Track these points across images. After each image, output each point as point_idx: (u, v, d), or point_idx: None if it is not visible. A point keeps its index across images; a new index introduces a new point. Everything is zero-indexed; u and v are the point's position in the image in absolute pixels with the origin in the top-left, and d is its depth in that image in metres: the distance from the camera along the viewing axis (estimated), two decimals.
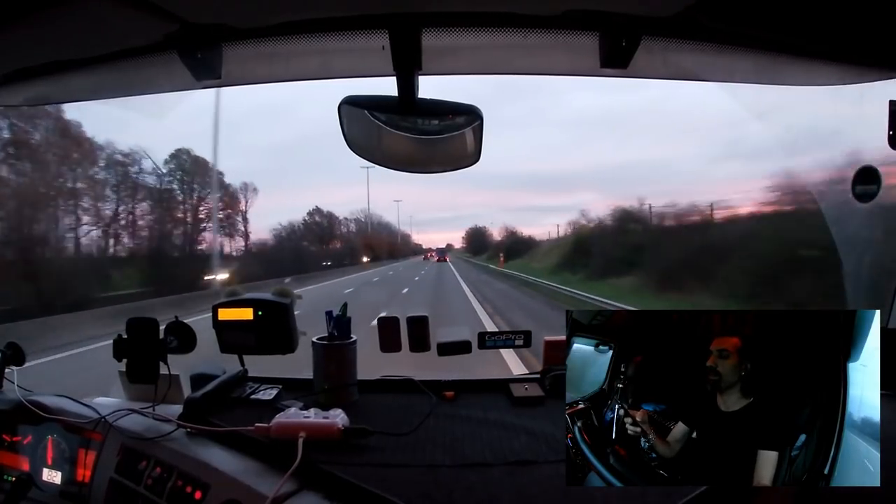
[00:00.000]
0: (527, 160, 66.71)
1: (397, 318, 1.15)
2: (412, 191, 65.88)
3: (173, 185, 21.26)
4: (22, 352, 1.11)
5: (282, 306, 1.08)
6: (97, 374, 1.37)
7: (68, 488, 0.94)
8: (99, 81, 0.97)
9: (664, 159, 40.32)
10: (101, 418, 0.94)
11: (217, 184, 22.39)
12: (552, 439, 0.84)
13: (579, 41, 0.83)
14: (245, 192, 25.34)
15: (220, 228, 22.92)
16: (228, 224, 24.20)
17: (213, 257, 19.39)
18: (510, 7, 0.76)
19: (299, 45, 0.84)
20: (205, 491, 0.78)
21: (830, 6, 0.73)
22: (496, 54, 0.90)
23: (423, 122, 0.81)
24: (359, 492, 0.72)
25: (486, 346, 1.14)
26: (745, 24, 0.78)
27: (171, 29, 0.76)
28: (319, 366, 1.04)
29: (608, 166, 51.89)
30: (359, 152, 0.85)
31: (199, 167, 21.97)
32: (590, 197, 55.89)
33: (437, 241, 60.80)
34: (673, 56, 0.86)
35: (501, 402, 1.03)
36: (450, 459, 0.79)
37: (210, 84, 0.94)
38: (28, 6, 0.67)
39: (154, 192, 19.97)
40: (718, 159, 34.18)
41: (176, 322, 1.00)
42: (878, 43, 0.81)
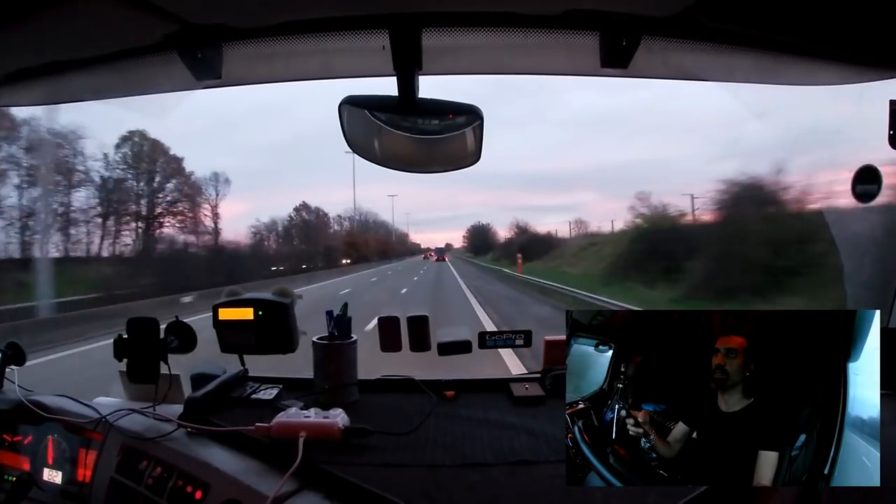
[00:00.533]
0: (526, 160, 66.81)
1: (397, 318, 1.15)
2: (411, 190, 65.91)
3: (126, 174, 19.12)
4: (22, 351, 1.12)
5: (282, 306, 1.08)
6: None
7: (69, 488, 0.94)
8: (99, 81, 0.97)
9: (664, 159, 40.35)
10: (102, 418, 0.94)
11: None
12: (552, 439, 0.84)
13: (579, 41, 0.83)
14: (216, 183, 22.84)
15: (178, 225, 20.92)
16: (191, 221, 21.69)
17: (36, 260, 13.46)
18: (510, 7, 0.76)
19: (299, 45, 0.84)
20: (205, 491, 0.78)
21: (830, 6, 0.73)
22: (496, 54, 0.90)
23: (423, 121, 0.81)
24: (359, 492, 0.72)
25: (487, 345, 1.14)
26: (745, 24, 0.78)
27: (171, 29, 0.76)
28: (320, 365, 1.04)
29: (608, 166, 51.88)
30: (359, 152, 0.85)
31: (157, 152, 19.94)
32: (589, 197, 55.96)
33: (437, 240, 60.36)
34: (673, 56, 0.86)
35: (502, 402, 1.03)
36: (450, 459, 0.79)
37: (210, 84, 0.94)
38: (28, 6, 0.67)
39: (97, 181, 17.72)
40: (718, 159, 34.19)
41: (176, 322, 1.00)
42: (878, 43, 0.81)
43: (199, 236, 22.61)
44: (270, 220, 28.38)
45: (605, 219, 53.04)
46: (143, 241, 20.32)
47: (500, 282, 17.16)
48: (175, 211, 21.58)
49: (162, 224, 21.22)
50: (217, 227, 23.47)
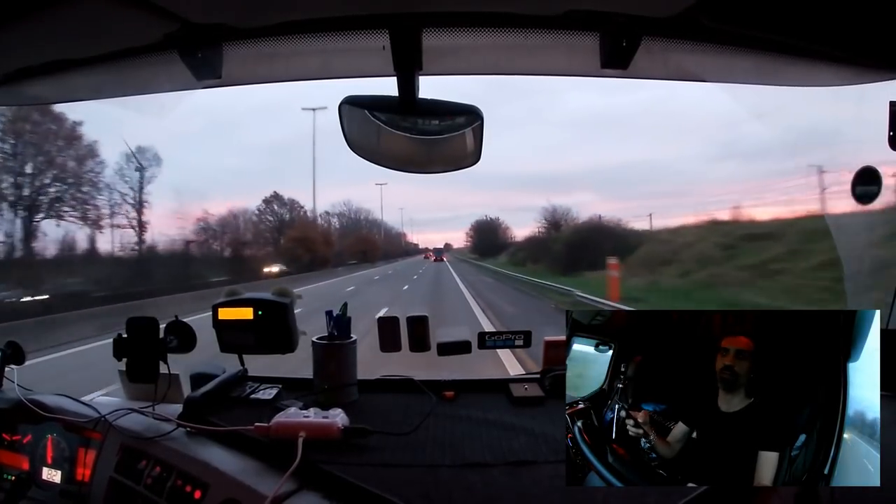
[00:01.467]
0: (526, 160, 66.65)
1: (397, 318, 1.15)
2: (410, 190, 65.85)
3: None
4: (22, 351, 1.12)
5: (282, 306, 1.08)
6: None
7: (68, 487, 0.94)
8: (99, 81, 0.97)
9: (664, 159, 40.30)
10: (101, 417, 0.94)
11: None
12: (552, 439, 0.84)
13: (580, 41, 0.83)
14: (133, 160, 16.64)
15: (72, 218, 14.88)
16: (92, 212, 15.69)
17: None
18: (511, 7, 0.76)
19: (300, 45, 0.84)
20: (204, 490, 0.78)
21: (830, 7, 0.73)
22: (496, 54, 0.90)
23: (423, 122, 0.81)
24: (358, 492, 0.72)
25: (486, 345, 1.14)
26: (746, 25, 0.78)
27: (171, 28, 0.76)
28: (319, 365, 1.04)
29: (607, 166, 51.83)
30: (359, 152, 0.85)
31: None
32: (588, 197, 55.80)
33: (436, 241, 59.59)
34: (673, 56, 0.86)
35: (501, 402, 1.03)
36: (449, 459, 0.79)
37: (210, 84, 0.94)
38: (28, 6, 0.67)
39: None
40: (717, 159, 34.13)
41: (176, 321, 1.00)
42: (878, 44, 0.81)
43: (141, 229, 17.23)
44: (230, 215, 22.64)
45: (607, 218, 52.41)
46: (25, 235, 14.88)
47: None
48: (63, 199, 15.50)
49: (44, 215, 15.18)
50: (141, 220, 17.66)
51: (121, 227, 17.27)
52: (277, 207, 26.01)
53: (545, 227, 27.41)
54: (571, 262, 17.10)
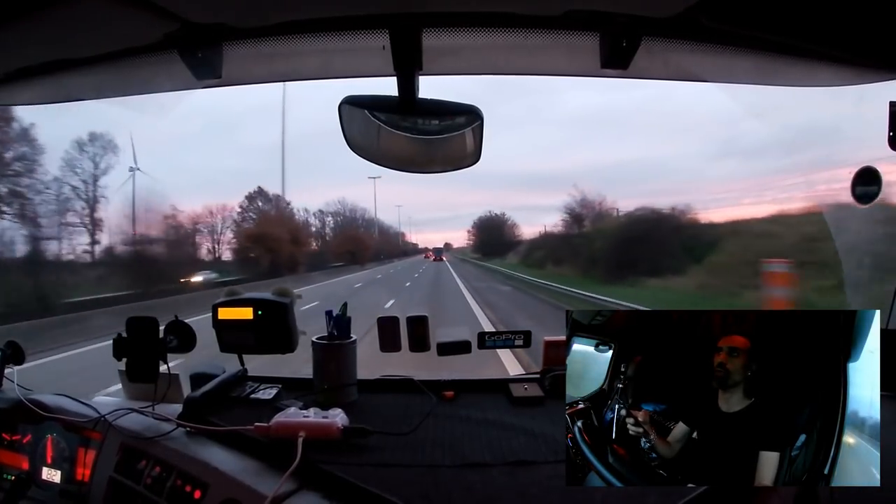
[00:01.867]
0: (525, 160, 66.59)
1: (397, 318, 1.15)
2: (408, 190, 65.58)
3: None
4: (22, 350, 1.11)
5: (281, 306, 1.08)
6: None
7: (68, 487, 0.94)
8: (99, 81, 0.97)
9: (663, 158, 40.23)
10: (101, 417, 0.94)
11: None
12: (552, 439, 0.84)
13: (580, 41, 0.83)
14: (83, 148, 14.24)
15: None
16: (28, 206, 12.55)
17: None
18: (511, 7, 0.76)
19: (300, 45, 0.84)
20: (204, 490, 0.78)
21: (830, 7, 0.73)
22: (496, 54, 0.90)
23: (423, 122, 0.81)
24: (358, 492, 0.72)
25: (486, 345, 1.14)
26: (745, 25, 0.78)
27: (171, 28, 0.76)
28: (319, 365, 1.04)
29: (605, 165, 51.69)
30: (359, 152, 0.85)
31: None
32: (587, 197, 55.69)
33: (435, 240, 59.20)
34: (673, 56, 0.86)
35: (501, 402, 1.03)
36: (449, 459, 0.79)
37: (210, 84, 0.94)
38: (28, 6, 0.67)
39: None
40: (716, 157, 34.08)
41: (176, 321, 1.00)
42: (877, 44, 0.81)
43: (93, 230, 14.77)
44: (206, 212, 19.65)
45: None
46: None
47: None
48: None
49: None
50: (94, 218, 15.20)
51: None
52: (262, 204, 23.22)
53: (568, 221, 20.99)
54: (619, 266, 12.54)
